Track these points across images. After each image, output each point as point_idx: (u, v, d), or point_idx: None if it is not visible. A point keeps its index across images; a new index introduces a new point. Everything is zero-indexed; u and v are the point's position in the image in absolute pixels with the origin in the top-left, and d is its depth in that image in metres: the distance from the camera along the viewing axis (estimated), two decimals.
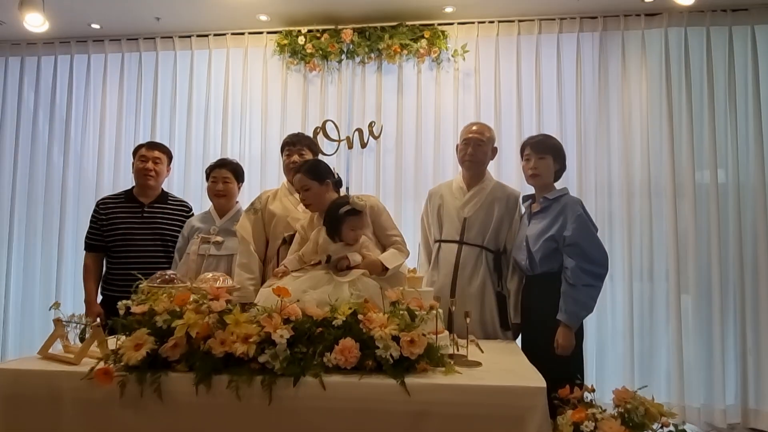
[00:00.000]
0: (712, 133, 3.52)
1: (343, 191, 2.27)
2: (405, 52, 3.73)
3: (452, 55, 3.74)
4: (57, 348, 1.75)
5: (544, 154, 2.32)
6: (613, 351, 3.51)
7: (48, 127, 4.10)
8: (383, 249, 2.18)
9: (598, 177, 3.62)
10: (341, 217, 2.01)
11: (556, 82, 3.69)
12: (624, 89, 3.64)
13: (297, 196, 2.42)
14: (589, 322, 3.38)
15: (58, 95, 4.11)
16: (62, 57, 4.15)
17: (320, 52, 3.79)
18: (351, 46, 3.78)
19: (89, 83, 4.10)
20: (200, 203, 3.45)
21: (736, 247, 3.44)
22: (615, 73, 3.67)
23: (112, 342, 1.63)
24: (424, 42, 3.70)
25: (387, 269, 2.04)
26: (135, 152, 2.79)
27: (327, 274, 1.95)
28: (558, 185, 2.41)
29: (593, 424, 1.54)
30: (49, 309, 1.77)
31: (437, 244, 2.49)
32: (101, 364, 1.52)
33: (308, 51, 3.79)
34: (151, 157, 2.71)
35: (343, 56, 3.82)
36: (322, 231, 2.07)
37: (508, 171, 3.57)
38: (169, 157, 2.82)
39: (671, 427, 1.61)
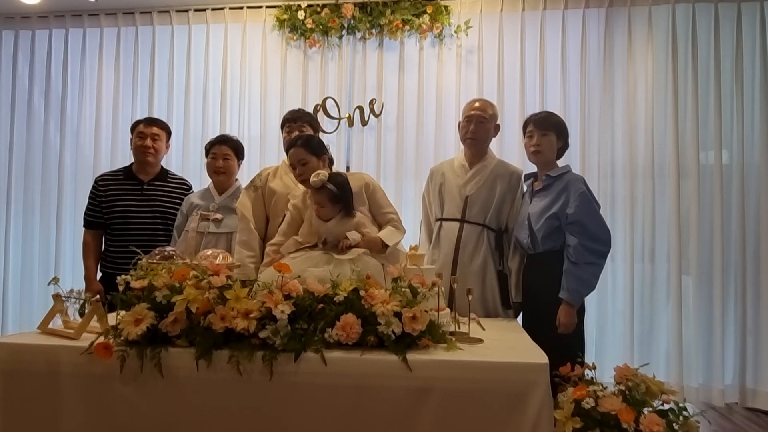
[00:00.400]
0: (718, 113, 3.48)
1: (343, 169, 2.25)
2: (407, 27, 3.66)
3: (455, 31, 3.67)
4: (57, 323, 1.74)
5: (547, 130, 2.29)
6: (613, 331, 3.53)
7: (44, 103, 4.05)
8: (379, 227, 2.17)
9: (602, 157, 3.59)
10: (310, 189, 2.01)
11: (560, 59, 3.63)
12: (629, 67, 3.59)
13: None
14: (590, 302, 3.37)
15: (54, 70, 4.04)
16: (57, 31, 4.07)
17: (320, 27, 3.72)
18: (352, 22, 3.71)
19: (85, 58, 4.03)
20: (199, 181, 3.42)
21: (739, 228, 3.42)
22: (620, 50, 3.61)
23: (111, 318, 1.62)
24: (426, 17, 3.63)
25: (387, 246, 2.03)
26: (133, 128, 2.75)
27: (326, 253, 1.93)
28: (561, 164, 2.38)
29: (594, 401, 1.54)
30: (48, 284, 1.76)
31: (438, 223, 2.48)
32: (101, 339, 1.51)
33: (308, 26, 3.71)
34: (149, 133, 2.66)
35: (344, 32, 3.75)
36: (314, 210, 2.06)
37: (510, 149, 3.53)
38: (168, 133, 2.77)
39: (672, 405, 1.61)
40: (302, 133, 2.38)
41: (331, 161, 2.24)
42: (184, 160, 3.85)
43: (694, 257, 3.45)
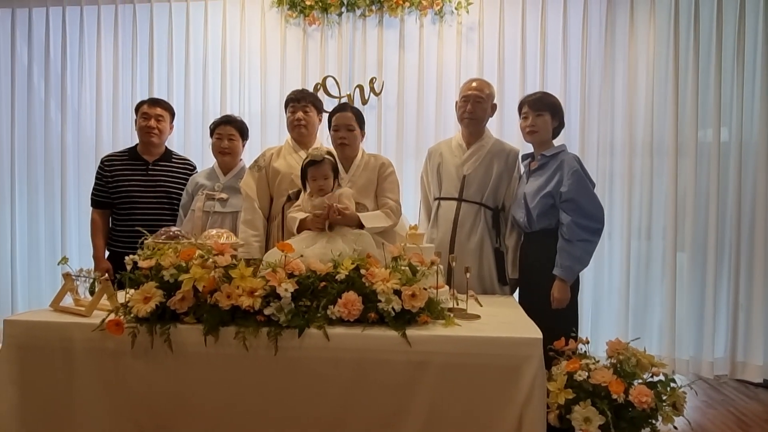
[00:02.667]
0: (718, 90, 3.47)
1: None
2: (407, 4, 3.63)
3: (455, 8, 3.64)
4: (67, 301, 1.80)
5: (542, 111, 2.31)
6: (609, 306, 3.60)
7: (44, 83, 4.03)
8: (377, 209, 2.20)
9: (601, 135, 3.60)
10: (303, 168, 2.05)
11: (561, 37, 3.60)
12: (631, 44, 3.56)
13: (301, 153, 2.42)
14: (587, 278, 3.45)
15: (52, 49, 4.02)
16: (54, 9, 4.02)
17: (320, 4, 3.68)
18: None
19: (83, 36, 4.00)
20: (201, 158, 3.44)
21: (735, 206, 3.46)
22: (622, 27, 3.58)
23: (120, 295, 1.67)
24: None
25: (363, 226, 2.02)
26: (137, 109, 2.76)
27: (314, 231, 1.97)
28: (560, 143, 2.41)
29: (586, 373, 1.60)
30: (58, 264, 1.81)
31: (437, 202, 2.52)
32: (112, 316, 1.57)
33: (307, 3, 3.68)
34: (153, 114, 2.68)
35: (343, 9, 3.72)
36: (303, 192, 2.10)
37: (510, 128, 3.54)
38: (172, 114, 2.79)
39: (661, 377, 1.67)
40: (346, 103, 2.42)
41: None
42: (186, 137, 3.86)
43: (689, 234, 3.49)
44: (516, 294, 2.47)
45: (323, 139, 2.84)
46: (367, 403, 1.51)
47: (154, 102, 2.75)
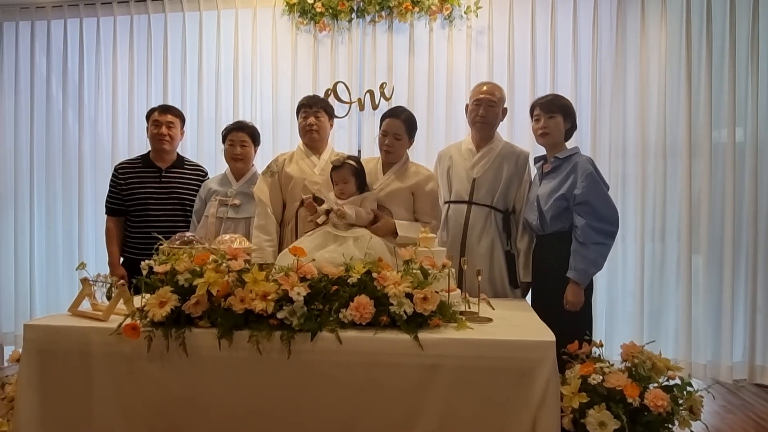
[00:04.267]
0: (732, 90, 3.43)
1: (354, 153, 2.30)
2: (416, 9, 3.65)
3: (465, 12, 3.65)
4: (85, 306, 1.84)
5: (554, 113, 2.31)
6: (623, 310, 3.56)
7: (62, 92, 4.12)
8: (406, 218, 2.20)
9: (613, 137, 3.57)
10: (330, 174, 2.12)
11: (571, 40, 3.58)
12: (642, 44, 3.54)
13: (313, 158, 2.45)
14: (600, 281, 3.41)
15: (70, 60, 4.11)
16: (71, 21, 4.12)
17: (330, 11, 3.72)
18: (361, 4, 3.70)
19: (100, 47, 4.08)
20: (214, 165, 3.48)
21: (751, 207, 3.40)
22: (633, 27, 3.56)
23: (136, 300, 1.70)
24: None
25: (397, 234, 2.06)
26: (148, 116, 2.81)
27: (328, 232, 1.99)
28: (572, 145, 2.40)
29: (601, 377, 1.59)
30: (76, 269, 1.85)
31: (446, 205, 2.52)
32: (129, 320, 1.59)
33: (318, 10, 3.72)
34: (164, 121, 2.72)
35: (354, 15, 3.75)
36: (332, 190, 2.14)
37: (521, 131, 3.53)
38: (182, 120, 2.83)
39: (677, 380, 1.66)
40: (401, 106, 2.39)
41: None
42: (199, 144, 3.91)
43: (704, 236, 3.44)
44: (528, 297, 2.46)
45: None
46: (379, 407, 1.51)
47: (165, 109, 2.79)
